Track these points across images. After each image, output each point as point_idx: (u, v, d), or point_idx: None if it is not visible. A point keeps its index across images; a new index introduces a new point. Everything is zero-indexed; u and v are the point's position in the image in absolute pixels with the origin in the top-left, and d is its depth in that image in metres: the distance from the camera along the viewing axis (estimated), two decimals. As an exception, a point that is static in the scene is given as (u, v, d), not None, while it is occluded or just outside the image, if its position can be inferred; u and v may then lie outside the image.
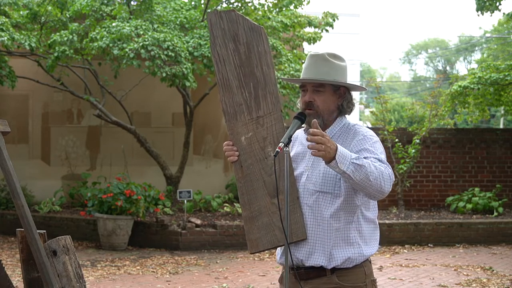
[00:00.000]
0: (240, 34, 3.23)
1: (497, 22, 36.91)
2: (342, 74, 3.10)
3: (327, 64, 3.08)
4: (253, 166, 3.15)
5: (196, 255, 9.56)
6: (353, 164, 2.80)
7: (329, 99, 3.09)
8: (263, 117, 3.18)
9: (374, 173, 2.83)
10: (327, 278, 3.00)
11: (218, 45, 3.25)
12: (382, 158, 2.96)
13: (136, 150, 12.14)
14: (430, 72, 51.93)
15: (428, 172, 12.67)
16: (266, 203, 3.11)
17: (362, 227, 3.04)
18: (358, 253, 3.01)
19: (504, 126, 29.41)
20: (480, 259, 9.44)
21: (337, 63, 3.10)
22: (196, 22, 10.73)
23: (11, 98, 12.28)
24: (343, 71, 3.11)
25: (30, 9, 10.51)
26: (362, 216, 3.05)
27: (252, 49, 3.22)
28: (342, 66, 3.11)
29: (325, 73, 3.07)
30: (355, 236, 3.01)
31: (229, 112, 3.23)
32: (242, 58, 3.23)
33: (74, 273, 3.29)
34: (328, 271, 2.99)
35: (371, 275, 3.10)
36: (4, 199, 11.60)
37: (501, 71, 11.88)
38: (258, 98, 3.20)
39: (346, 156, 2.81)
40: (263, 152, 3.14)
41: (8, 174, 3.17)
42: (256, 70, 3.22)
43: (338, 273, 2.99)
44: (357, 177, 2.81)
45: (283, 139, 2.94)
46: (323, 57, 3.09)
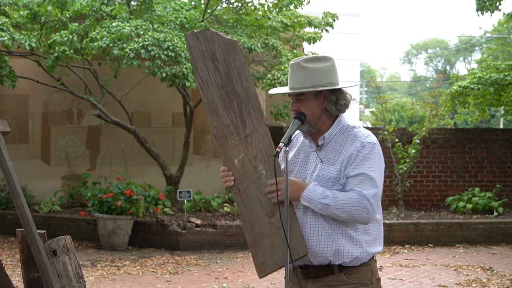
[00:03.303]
0: (217, 52, 3.20)
1: (497, 22, 36.92)
2: (321, 77, 3.05)
3: (303, 71, 3.06)
4: (249, 188, 3.14)
5: (196, 255, 9.56)
6: (321, 204, 2.95)
7: (312, 105, 3.08)
8: (250, 135, 3.15)
9: (344, 209, 2.94)
10: (335, 276, 3.03)
11: (200, 69, 3.22)
12: (372, 176, 2.97)
13: (136, 150, 12.14)
14: (430, 72, 51.95)
15: (428, 172, 12.67)
16: (265, 224, 3.10)
17: (369, 228, 3.07)
18: (365, 252, 3.06)
19: (504, 126, 29.41)
20: (480, 259, 9.44)
21: (314, 67, 3.06)
22: (196, 22, 10.73)
23: (11, 98, 12.28)
24: (323, 73, 3.06)
25: (30, 9, 10.51)
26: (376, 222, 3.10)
27: (230, 65, 3.19)
28: (320, 68, 3.06)
29: (301, 80, 3.06)
30: (362, 235, 3.05)
31: (220, 135, 3.21)
32: (222, 78, 3.20)
33: (74, 273, 3.29)
34: (336, 269, 3.02)
35: (377, 273, 3.15)
36: (4, 199, 11.60)
37: (501, 71, 11.88)
38: (244, 116, 3.17)
39: (313, 198, 2.96)
40: (255, 171, 3.12)
41: (8, 174, 3.17)
42: (237, 87, 3.19)
43: (346, 271, 3.03)
44: (327, 213, 2.97)
45: (283, 139, 2.95)
46: (299, 65, 3.08)
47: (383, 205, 12.31)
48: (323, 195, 2.96)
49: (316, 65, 3.07)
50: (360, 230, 3.04)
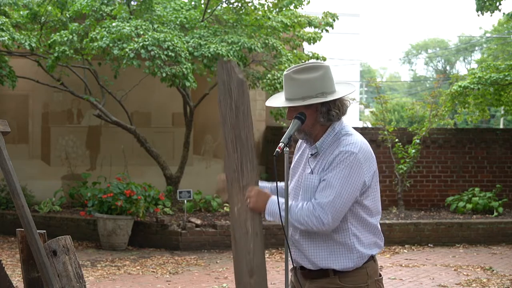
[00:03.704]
0: (233, 89, 3.17)
1: (497, 22, 36.92)
2: (311, 88, 3.04)
3: (294, 82, 3.06)
4: (240, 240, 3.15)
5: (196, 255, 9.56)
6: (282, 217, 3.02)
7: (306, 116, 3.08)
8: (245, 187, 3.14)
9: (299, 220, 3.02)
10: (330, 279, 3.07)
11: (222, 102, 3.19)
12: (333, 184, 2.98)
13: (136, 150, 12.14)
14: (430, 72, 51.95)
15: (428, 172, 12.66)
16: (246, 281, 3.11)
17: (360, 232, 3.09)
18: (357, 257, 3.07)
19: (504, 126, 29.42)
20: (480, 259, 9.44)
21: (304, 78, 3.05)
22: (196, 22, 10.73)
23: (11, 98, 12.27)
24: (313, 84, 3.04)
25: (30, 9, 10.51)
26: (359, 221, 3.09)
27: (239, 108, 3.16)
28: (310, 79, 3.04)
29: (293, 92, 3.07)
30: (353, 241, 3.07)
31: (229, 178, 3.18)
32: (234, 118, 3.17)
33: (74, 273, 3.30)
34: (331, 272, 3.06)
35: (375, 274, 3.14)
36: (4, 199, 11.60)
37: (501, 71, 11.88)
38: (243, 165, 3.14)
39: (276, 212, 3.03)
40: (245, 226, 3.13)
41: (8, 174, 3.17)
42: (242, 133, 3.16)
43: (340, 275, 3.07)
44: (290, 224, 3.06)
45: (283, 139, 2.96)
46: (289, 77, 3.08)
47: (383, 205, 12.32)
48: (283, 207, 3.02)
49: (306, 76, 3.05)
50: (352, 236, 3.06)
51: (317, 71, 3.06)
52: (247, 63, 10.68)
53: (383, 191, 12.49)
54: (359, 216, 3.07)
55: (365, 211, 3.09)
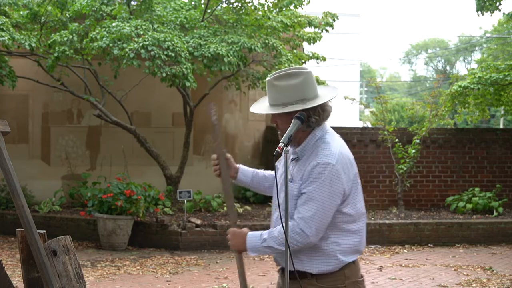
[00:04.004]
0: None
1: (497, 22, 36.92)
2: (291, 95, 3.08)
3: (275, 89, 3.12)
4: None
5: (196, 255, 9.56)
6: (264, 248, 3.12)
7: (285, 121, 3.13)
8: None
9: (283, 243, 3.01)
10: (308, 280, 3.14)
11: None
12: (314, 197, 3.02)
13: (136, 150, 12.14)
14: (430, 72, 51.96)
15: (428, 172, 12.67)
16: None
17: (341, 238, 3.13)
18: (336, 263, 3.12)
19: (504, 126, 29.42)
20: (480, 259, 9.44)
21: (284, 85, 3.09)
22: (196, 22, 10.73)
23: (11, 98, 12.27)
24: (293, 91, 3.08)
25: (30, 9, 10.51)
26: (341, 230, 3.13)
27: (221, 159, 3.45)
28: (290, 86, 3.09)
29: (274, 98, 3.13)
30: (333, 248, 3.11)
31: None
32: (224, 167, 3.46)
33: (74, 273, 3.30)
34: (309, 274, 3.13)
35: (354, 276, 3.18)
36: (4, 199, 11.60)
37: (501, 71, 11.88)
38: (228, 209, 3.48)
39: (256, 246, 3.12)
40: None
41: (8, 174, 3.17)
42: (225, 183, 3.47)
43: (318, 277, 3.13)
44: (275, 251, 3.12)
45: (283, 139, 2.97)
46: (271, 83, 3.14)
47: (383, 205, 12.34)
48: (261, 239, 3.10)
49: (286, 82, 3.10)
50: (330, 242, 3.10)
51: (297, 77, 3.10)
52: (247, 63, 10.68)
53: (383, 191, 12.50)
54: (339, 224, 3.12)
55: (345, 218, 3.12)
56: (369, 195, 12.42)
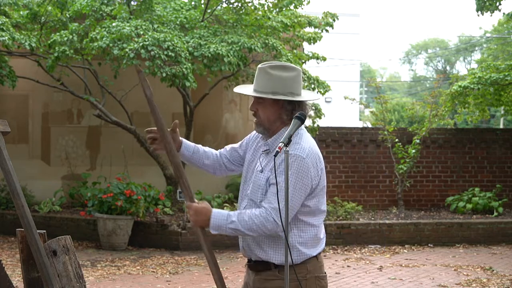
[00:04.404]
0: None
1: (497, 22, 36.91)
2: (282, 85, 3.17)
3: (267, 76, 3.19)
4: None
5: (196, 255, 9.56)
6: (230, 229, 3.15)
7: (268, 110, 3.21)
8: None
9: (253, 229, 3.11)
10: (271, 272, 3.21)
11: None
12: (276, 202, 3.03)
13: (136, 150, 12.14)
14: (430, 72, 51.94)
15: (428, 172, 12.67)
16: None
17: (303, 231, 3.20)
18: (297, 255, 3.17)
19: (504, 126, 29.42)
20: (480, 259, 9.44)
21: (277, 75, 3.18)
22: (196, 22, 10.73)
23: (11, 98, 12.27)
24: (285, 82, 3.17)
25: (30, 9, 10.51)
26: (302, 222, 3.20)
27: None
28: (284, 77, 3.17)
29: (264, 85, 3.19)
30: (294, 240, 3.17)
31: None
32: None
33: (74, 273, 3.30)
34: (272, 265, 3.20)
35: (317, 271, 3.24)
36: (4, 199, 11.60)
37: (501, 71, 11.88)
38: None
39: (221, 225, 3.16)
40: None
41: (8, 174, 3.17)
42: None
43: (280, 268, 3.18)
44: (239, 234, 3.15)
45: (283, 139, 2.99)
46: (265, 70, 3.20)
47: (383, 205, 12.34)
48: (229, 220, 3.14)
49: (280, 73, 3.19)
50: (293, 235, 3.17)
51: (292, 71, 3.21)
52: (247, 63, 10.68)
53: (383, 191, 12.50)
54: (301, 217, 3.18)
55: (307, 212, 3.19)
56: (369, 195, 12.43)
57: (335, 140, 12.25)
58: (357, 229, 10.47)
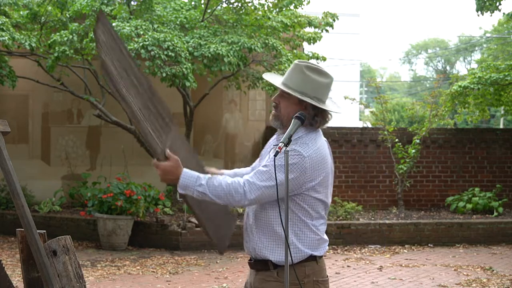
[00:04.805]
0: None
1: (497, 22, 36.92)
2: (313, 88, 3.15)
3: (301, 75, 3.17)
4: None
5: (196, 255, 9.56)
6: (197, 191, 3.07)
7: (291, 107, 3.19)
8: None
9: (220, 195, 3.05)
10: (270, 272, 3.17)
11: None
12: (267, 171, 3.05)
13: (136, 150, 12.14)
14: (430, 72, 51.94)
15: (428, 172, 12.67)
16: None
17: (301, 230, 3.16)
18: (295, 253, 3.11)
19: (504, 126, 29.42)
20: (480, 259, 9.44)
21: (311, 77, 3.16)
22: (196, 22, 10.73)
23: (11, 98, 12.28)
24: (315, 86, 3.16)
25: (30, 9, 10.51)
26: (300, 221, 3.15)
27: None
28: (316, 80, 3.16)
29: (294, 82, 3.17)
30: (292, 237, 3.12)
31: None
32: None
33: (74, 273, 3.30)
34: (271, 265, 3.16)
35: (316, 275, 3.18)
36: (4, 199, 11.60)
37: (501, 71, 11.88)
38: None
39: (189, 185, 3.07)
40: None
41: (8, 174, 3.18)
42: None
43: (279, 269, 3.14)
44: (206, 199, 3.08)
45: (283, 139, 2.99)
46: (300, 68, 3.19)
47: (383, 205, 12.33)
48: (198, 182, 3.07)
49: (314, 76, 3.17)
50: (291, 233, 3.12)
51: (325, 77, 3.20)
52: (247, 63, 10.68)
53: (383, 191, 12.50)
54: (299, 217, 3.15)
55: (304, 214, 3.16)
56: (369, 195, 12.43)
57: (335, 140, 12.25)
58: (357, 229, 10.47)
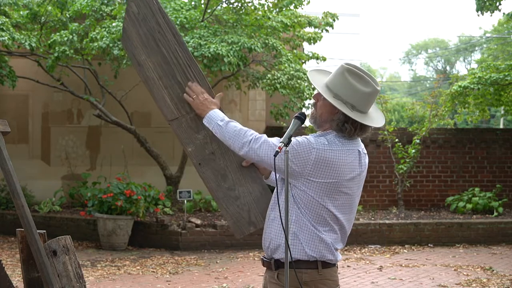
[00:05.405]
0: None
1: (497, 22, 36.90)
2: (347, 93, 3.05)
3: (341, 77, 3.08)
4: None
5: (196, 255, 9.56)
6: (217, 125, 3.19)
7: (325, 109, 3.11)
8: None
9: (230, 135, 3.15)
10: (272, 272, 3.15)
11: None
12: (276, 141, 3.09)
13: (136, 150, 12.14)
14: (430, 72, 51.92)
15: (428, 172, 12.67)
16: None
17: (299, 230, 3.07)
18: (294, 251, 3.05)
19: (504, 126, 29.40)
20: (480, 259, 9.44)
21: (351, 82, 3.06)
22: (196, 22, 10.72)
23: (11, 98, 12.28)
24: (353, 92, 3.05)
25: (30, 9, 10.51)
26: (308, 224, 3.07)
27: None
28: (355, 87, 3.05)
29: (333, 84, 3.09)
30: (295, 231, 3.06)
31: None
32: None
33: (74, 273, 3.30)
34: (273, 265, 3.13)
35: (315, 285, 3.07)
36: (4, 199, 11.60)
37: (501, 71, 11.88)
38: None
39: (213, 119, 3.21)
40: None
41: (8, 174, 3.18)
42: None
43: (280, 271, 3.11)
44: (220, 137, 3.20)
45: (283, 139, 2.96)
46: (341, 70, 3.09)
47: (383, 205, 12.33)
48: (221, 118, 3.19)
49: (353, 81, 3.07)
50: (291, 225, 3.06)
51: (367, 86, 3.08)
52: (247, 63, 10.68)
53: (383, 191, 12.50)
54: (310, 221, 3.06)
55: (313, 220, 3.07)
56: (369, 195, 12.43)
57: (335, 140, 12.25)
58: (357, 229, 10.47)
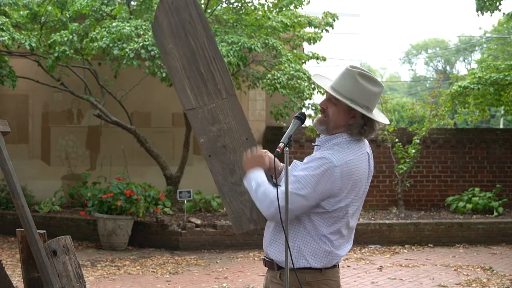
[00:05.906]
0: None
1: (497, 22, 36.90)
2: (363, 96, 3.05)
3: (352, 81, 3.06)
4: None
5: (196, 255, 9.56)
6: (249, 185, 3.12)
7: (339, 114, 3.08)
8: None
9: (256, 197, 3.09)
10: (274, 272, 3.16)
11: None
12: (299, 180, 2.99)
13: (136, 150, 12.14)
14: (430, 72, 51.92)
15: (428, 172, 12.67)
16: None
17: (309, 240, 3.06)
18: (296, 257, 3.04)
19: (504, 126, 29.41)
20: (480, 259, 9.44)
21: (364, 85, 3.06)
22: (196, 22, 10.72)
23: (11, 98, 12.28)
24: (367, 94, 3.06)
25: (30, 9, 10.51)
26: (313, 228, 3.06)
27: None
28: (368, 89, 3.06)
29: (345, 89, 3.06)
30: (300, 245, 3.05)
31: None
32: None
33: (74, 273, 3.30)
34: (275, 266, 3.13)
35: (318, 285, 3.07)
36: (4, 199, 11.60)
37: (501, 71, 11.88)
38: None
39: (249, 178, 3.13)
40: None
41: (8, 174, 3.18)
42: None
43: (282, 272, 3.10)
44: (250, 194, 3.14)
45: (283, 139, 2.97)
46: (353, 74, 3.07)
47: (383, 205, 12.33)
48: (255, 179, 3.11)
49: (366, 84, 3.06)
50: (297, 239, 3.06)
51: (377, 86, 3.10)
52: (247, 63, 10.68)
53: (383, 191, 12.50)
54: (314, 224, 3.06)
55: (320, 222, 3.06)
56: (369, 195, 12.42)
57: (335, 140, 12.25)
58: (357, 229, 10.41)
